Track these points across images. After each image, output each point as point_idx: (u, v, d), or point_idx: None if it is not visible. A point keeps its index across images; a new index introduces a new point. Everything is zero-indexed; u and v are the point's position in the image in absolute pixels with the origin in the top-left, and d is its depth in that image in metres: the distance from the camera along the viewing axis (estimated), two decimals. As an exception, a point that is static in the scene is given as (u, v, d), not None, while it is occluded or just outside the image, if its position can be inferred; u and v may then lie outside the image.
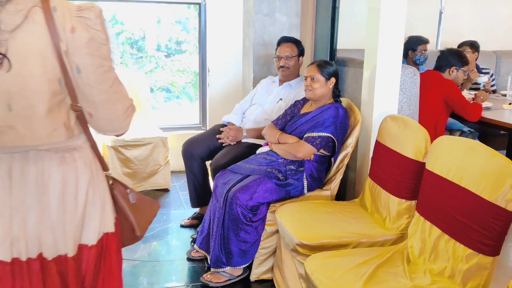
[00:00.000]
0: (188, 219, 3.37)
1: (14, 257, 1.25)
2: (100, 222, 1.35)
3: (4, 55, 1.13)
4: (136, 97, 4.17)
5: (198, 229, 3.03)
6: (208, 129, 3.66)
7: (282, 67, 3.21)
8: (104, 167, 1.41)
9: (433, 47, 4.90)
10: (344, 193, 3.03)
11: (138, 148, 3.81)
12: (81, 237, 1.33)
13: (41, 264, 1.27)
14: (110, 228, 1.39)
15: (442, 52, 3.56)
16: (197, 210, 3.40)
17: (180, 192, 4.00)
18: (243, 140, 3.14)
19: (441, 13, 5.12)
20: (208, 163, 3.24)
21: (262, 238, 2.57)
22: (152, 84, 5.32)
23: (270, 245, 2.59)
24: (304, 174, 2.63)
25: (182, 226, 3.34)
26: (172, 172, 4.23)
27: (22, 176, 1.23)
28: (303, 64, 3.31)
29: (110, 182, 1.44)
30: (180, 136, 4.36)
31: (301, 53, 3.24)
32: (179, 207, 3.71)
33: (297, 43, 3.24)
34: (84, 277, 1.34)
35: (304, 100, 2.87)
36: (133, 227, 1.48)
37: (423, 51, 4.15)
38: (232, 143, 3.13)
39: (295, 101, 2.93)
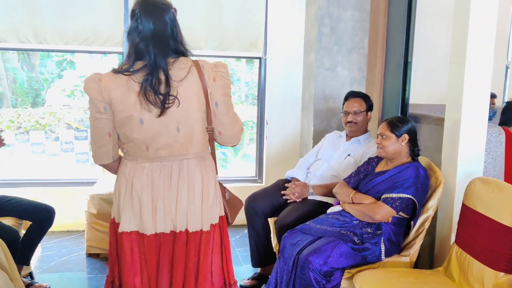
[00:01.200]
0: (249, 279, 3.20)
1: (171, 230, 1.86)
2: (219, 208, 1.96)
3: (176, 97, 1.77)
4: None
5: (260, 291, 2.86)
6: (266, 183, 3.56)
7: (349, 122, 3.11)
8: (216, 172, 2.02)
9: (500, 102, 4.71)
10: (421, 259, 2.81)
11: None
12: (211, 218, 1.91)
13: (186, 235, 1.86)
14: (222, 212, 2.00)
15: (508, 103, 3.39)
16: (258, 269, 3.23)
17: (237, 248, 3.84)
18: (309, 197, 3.01)
19: (507, 68, 4.96)
20: (270, 220, 3.11)
21: (335, 307, 2.37)
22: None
23: (344, 314, 2.39)
24: (382, 238, 2.45)
25: (242, 286, 3.17)
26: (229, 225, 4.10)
27: (179, 176, 1.85)
28: (371, 120, 3.21)
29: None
30: (235, 188, 4.20)
31: (369, 108, 3.14)
32: (236, 264, 3.54)
33: (365, 98, 3.15)
34: (212, 245, 1.91)
35: (378, 158, 2.74)
36: (227, 215, 2.05)
37: (492, 106, 3.98)
38: (297, 200, 3.01)
39: (369, 158, 2.80)
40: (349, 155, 3.10)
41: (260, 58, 4.37)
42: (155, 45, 1.76)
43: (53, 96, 5.83)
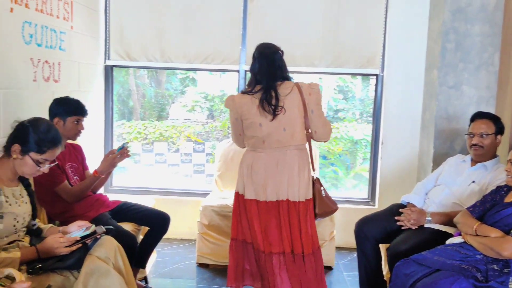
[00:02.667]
0: (356, 306, 3.05)
1: (277, 199, 2.63)
2: (310, 190, 2.69)
3: (282, 107, 2.60)
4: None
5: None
6: (378, 207, 3.38)
7: (474, 145, 2.83)
8: (313, 168, 2.78)
9: None
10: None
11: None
12: (306, 194, 2.66)
13: (287, 203, 2.63)
14: (310, 195, 2.70)
15: None
16: (366, 297, 3.06)
17: (345, 272, 3.70)
18: (426, 225, 2.78)
19: None
20: (382, 246, 2.93)
21: None
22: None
23: None
24: (510, 278, 2.16)
25: (348, 313, 3.03)
26: (337, 248, 3.96)
27: (283, 162, 2.63)
28: (501, 144, 2.89)
29: (315, 177, 2.76)
30: (346, 210, 4.12)
31: (499, 131, 2.83)
32: (343, 289, 3.41)
33: (495, 119, 2.85)
34: (306, 214, 2.66)
35: (508, 187, 2.44)
36: (315, 204, 2.71)
37: None
38: (413, 227, 2.80)
39: (497, 187, 2.51)
40: (473, 181, 2.81)
41: (377, 75, 4.21)
42: (267, 74, 2.65)
43: (176, 110, 6.21)
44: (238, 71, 4.28)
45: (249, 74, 4.20)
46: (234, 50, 4.21)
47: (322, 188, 2.74)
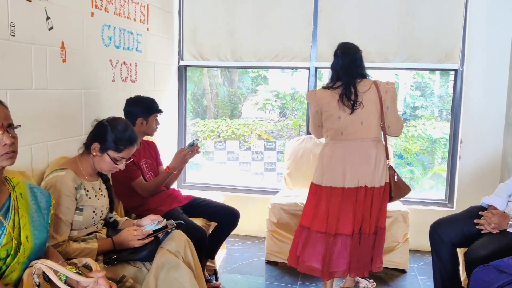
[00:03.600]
0: (430, 312, 2.91)
1: (356, 186, 2.84)
2: (386, 176, 2.90)
3: (361, 102, 2.82)
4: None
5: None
6: (457, 209, 3.19)
7: None
8: (387, 157, 2.96)
9: None
10: None
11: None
12: (380, 180, 2.87)
13: (365, 189, 2.84)
14: (385, 181, 2.90)
15: None
16: (441, 303, 2.91)
17: (419, 276, 3.54)
18: (509, 230, 2.58)
19: None
20: (459, 250, 2.77)
21: None
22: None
23: None
24: None
25: (421, 319, 2.90)
26: (411, 251, 3.81)
27: (361, 152, 2.84)
28: None
29: (388, 165, 2.95)
30: (421, 211, 3.94)
31: None
32: (417, 294, 3.27)
33: None
34: (381, 198, 2.90)
35: None
36: (391, 189, 2.95)
37: None
38: (494, 231, 2.61)
39: None
40: None
41: (456, 70, 3.98)
42: (348, 72, 2.86)
43: (248, 109, 6.28)
44: (308, 68, 4.24)
45: (319, 71, 4.19)
46: (305, 47, 4.18)
47: (395, 174, 2.97)
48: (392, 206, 3.63)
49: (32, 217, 1.67)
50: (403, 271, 3.61)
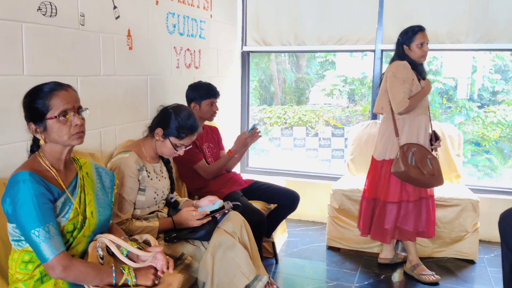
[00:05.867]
0: (499, 306, 2.77)
1: None
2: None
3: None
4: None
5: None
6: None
7: None
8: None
9: None
10: None
11: (443, 209, 3.41)
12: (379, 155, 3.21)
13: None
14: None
15: None
16: (511, 297, 2.75)
17: (489, 267, 3.36)
18: None
19: None
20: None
21: None
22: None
23: None
24: None
25: (489, 312, 2.76)
26: (481, 241, 3.63)
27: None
28: None
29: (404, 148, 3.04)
30: (493, 200, 3.73)
31: None
32: (486, 285, 3.11)
33: None
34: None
35: None
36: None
37: None
38: None
39: None
40: None
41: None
42: None
43: (315, 95, 6.23)
44: (374, 51, 4.12)
45: (385, 54, 4.06)
46: (370, 29, 4.06)
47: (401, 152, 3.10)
48: (461, 194, 3.47)
49: (97, 195, 1.79)
50: (472, 262, 3.44)
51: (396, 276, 3.25)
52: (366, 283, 3.14)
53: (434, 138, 3.21)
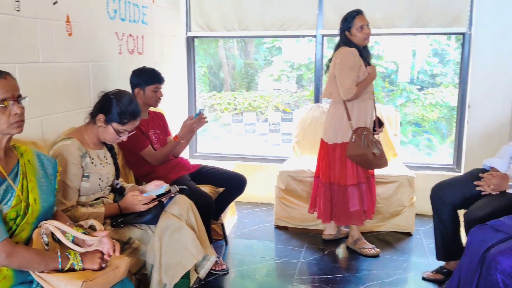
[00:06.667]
0: (432, 272, 2.98)
1: None
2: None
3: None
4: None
5: (443, 286, 2.64)
6: (463, 172, 3.21)
7: None
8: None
9: None
10: None
11: (382, 186, 3.61)
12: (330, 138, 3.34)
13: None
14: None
15: None
16: (442, 263, 2.98)
17: (424, 239, 3.60)
18: (508, 191, 2.61)
19: None
20: (461, 212, 2.81)
21: (528, 318, 2.04)
22: (401, 118, 5.05)
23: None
24: None
25: (424, 278, 2.97)
26: (417, 215, 3.87)
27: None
28: None
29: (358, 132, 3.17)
30: (428, 176, 3.97)
31: None
32: (422, 256, 3.33)
33: None
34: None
35: None
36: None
37: None
38: (493, 193, 2.64)
39: None
40: None
41: (463, 34, 3.92)
42: None
43: (264, 81, 6.30)
44: (315, 36, 4.24)
45: (329, 39, 4.19)
46: (311, 15, 4.17)
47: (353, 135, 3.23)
48: (398, 171, 3.68)
49: (40, 182, 1.78)
50: (409, 234, 3.68)
51: (340, 251, 3.43)
52: (312, 258, 3.29)
53: (378, 124, 3.35)
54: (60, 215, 1.94)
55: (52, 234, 1.76)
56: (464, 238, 2.84)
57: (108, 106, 2.29)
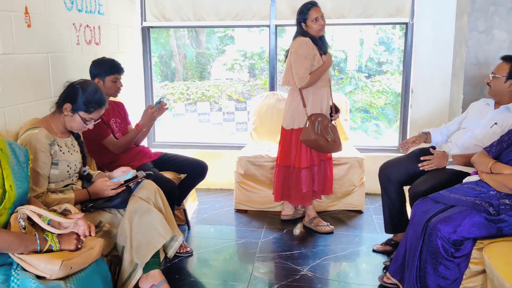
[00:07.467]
0: (381, 244, 3.24)
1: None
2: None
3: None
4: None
5: (391, 256, 2.89)
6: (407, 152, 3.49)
7: (488, 84, 2.89)
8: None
9: None
10: None
11: (335, 167, 3.83)
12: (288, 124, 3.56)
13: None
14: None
15: None
16: (391, 236, 3.25)
17: (374, 215, 3.89)
18: (448, 167, 2.89)
19: None
20: (406, 188, 3.08)
21: (464, 277, 2.31)
22: (350, 104, 5.31)
23: (474, 285, 2.31)
24: (521, 211, 2.29)
25: (374, 251, 3.23)
26: (367, 194, 4.15)
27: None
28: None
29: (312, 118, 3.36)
30: (376, 158, 4.25)
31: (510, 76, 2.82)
32: (372, 231, 3.60)
33: None
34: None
35: (526, 127, 2.52)
36: None
37: None
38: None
39: (514, 127, 2.58)
40: (496, 123, 2.87)
41: (406, 24, 4.21)
42: None
43: (217, 70, 6.37)
44: (268, 26, 4.39)
45: (279, 29, 4.35)
46: (264, 5, 4.31)
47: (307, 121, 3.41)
48: (348, 153, 3.92)
49: (14, 169, 1.85)
50: (360, 212, 3.95)
51: (297, 229, 3.64)
52: (271, 237, 3.48)
53: (334, 110, 3.55)
54: (34, 201, 2.01)
55: (28, 219, 1.83)
56: (409, 213, 3.12)
57: (74, 95, 2.35)
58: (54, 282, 1.70)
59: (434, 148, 3.10)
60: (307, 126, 3.34)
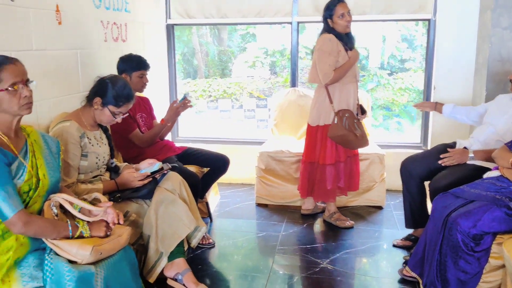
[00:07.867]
0: (401, 239, 3.26)
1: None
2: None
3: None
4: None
5: (411, 251, 2.91)
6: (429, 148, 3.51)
7: (510, 81, 2.88)
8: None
9: None
10: None
11: (355, 163, 3.87)
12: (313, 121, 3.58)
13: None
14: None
15: None
16: (411, 231, 3.26)
17: (394, 211, 3.90)
18: (468, 162, 2.90)
19: None
20: (427, 183, 3.09)
21: (484, 271, 2.32)
22: (372, 102, 5.32)
23: (494, 279, 2.32)
24: (542, 206, 2.29)
25: (394, 245, 3.25)
26: (388, 190, 4.16)
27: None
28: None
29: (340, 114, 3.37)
30: (398, 154, 4.24)
31: None
32: (392, 226, 3.62)
33: None
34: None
35: (549, 122, 2.52)
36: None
37: None
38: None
39: (537, 123, 2.58)
40: (518, 119, 2.86)
41: (429, 20, 4.20)
42: None
43: (238, 67, 6.44)
44: (290, 23, 4.43)
45: (301, 26, 4.38)
46: (286, 2, 4.35)
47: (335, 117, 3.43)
48: (369, 150, 3.94)
49: (46, 159, 1.95)
50: (380, 208, 3.97)
51: (317, 224, 3.69)
52: (292, 231, 3.53)
53: (361, 111, 3.53)
54: (65, 190, 2.11)
55: (61, 206, 1.93)
56: (430, 208, 3.14)
57: (104, 90, 2.45)
58: (85, 267, 1.78)
59: (452, 147, 3.10)
60: (335, 122, 3.35)
